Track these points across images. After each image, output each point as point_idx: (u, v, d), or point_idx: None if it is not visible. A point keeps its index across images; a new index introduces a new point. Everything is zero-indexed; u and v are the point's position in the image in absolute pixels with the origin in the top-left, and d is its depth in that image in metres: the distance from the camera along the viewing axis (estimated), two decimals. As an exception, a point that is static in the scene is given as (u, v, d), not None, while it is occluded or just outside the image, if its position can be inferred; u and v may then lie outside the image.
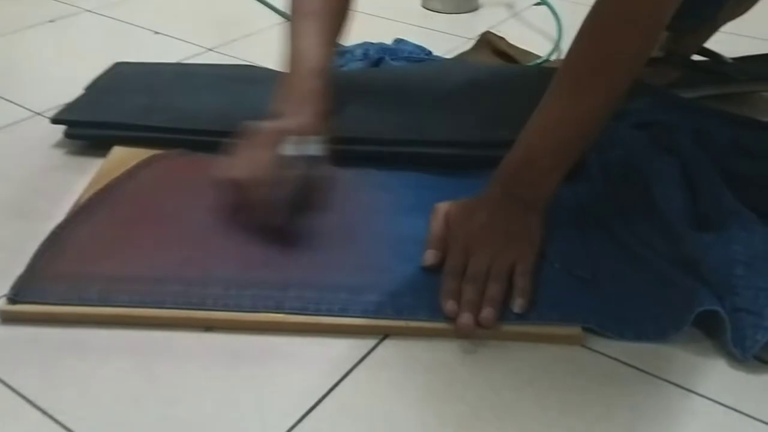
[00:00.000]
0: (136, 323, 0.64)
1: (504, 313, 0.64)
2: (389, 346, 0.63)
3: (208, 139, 0.86)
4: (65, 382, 0.59)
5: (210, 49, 1.18)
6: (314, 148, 0.73)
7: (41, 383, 0.59)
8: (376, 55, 1.08)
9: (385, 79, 0.98)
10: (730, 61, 1.03)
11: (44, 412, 0.56)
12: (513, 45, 1.17)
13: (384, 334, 0.64)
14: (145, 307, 0.64)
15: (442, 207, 0.72)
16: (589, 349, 0.63)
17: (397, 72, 1.02)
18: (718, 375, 0.61)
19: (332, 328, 0.64)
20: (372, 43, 1.11)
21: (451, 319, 0.63)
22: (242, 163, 0.72)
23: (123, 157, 0.84)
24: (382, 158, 0.84)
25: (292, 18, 0.84)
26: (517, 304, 0.64)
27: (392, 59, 1.06)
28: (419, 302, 0.65)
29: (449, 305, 0.64)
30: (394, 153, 0.85)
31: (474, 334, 0.63)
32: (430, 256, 0.69)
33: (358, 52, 1.08)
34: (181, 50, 1.17)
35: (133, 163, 0.83)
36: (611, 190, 0.78)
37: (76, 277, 0.66)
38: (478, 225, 0.69)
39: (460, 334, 0.63)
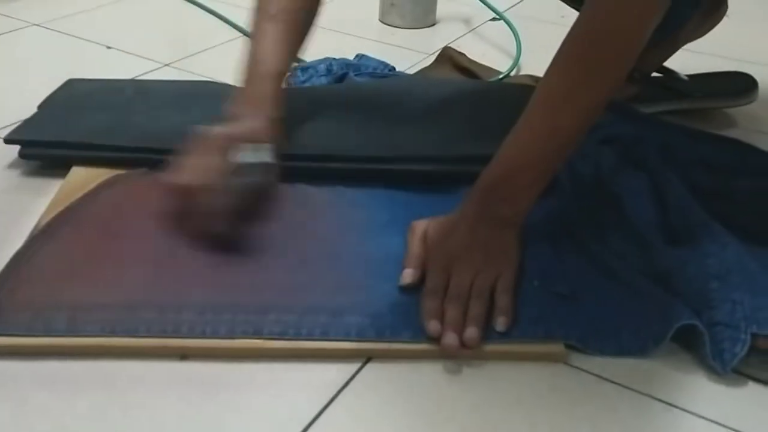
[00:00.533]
0: (108, 353, 0.61)
1: (487, 332, 0.63)
2: (373, 369, 0.62)
3: (172, 159, 0.84)
4: (38, 418, 0.56)
5: (167, 65, 1.15)
6: (265, 154, 0.71)
7: (12, 420, 0.56)
8: (340, 71, 1.07)
9: (352, 95, 0.98)
10: (686, 78, 1.06)
11: (14, 452, 0.54)
12: (473, 60, 1.18)
13: (367, 357, 0.63)
14: (117, 336, 0.61)
15: (419, 225, 0.71)
16: (571, 366, 0.63)
17: (363, 88, 1.02)
18: (698, 388, 0.62)
19: (314, 352, 0.62)
20: (335, 59, 1.10)
21: (434, 339, 0.63)
22: (190, 168, 0.70)
23: (83, 177, 0.81)
24: (353, 175, 0.83)
25: (255, 19, 0.82)
26: (500, 323, 0.64)
27: (356, 75, 1.06)
28: (401, 323, 0.64)
29: (432, 325, 0.63)
30: (364, 170, 0.84)
31: (457, 354, 0.62)
32: (408, 275, 0.68)
33: (321, 67, 1.07)
34: (137, 66, 1.14)
35: (95, 183, 0.80)
36: (582, 204, 0.78)
37: (42, 306, 0.63)
38: (457, 243, 0.68)
39: (444, 354, 0.62)
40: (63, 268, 0.68)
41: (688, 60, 1.09)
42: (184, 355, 0.62)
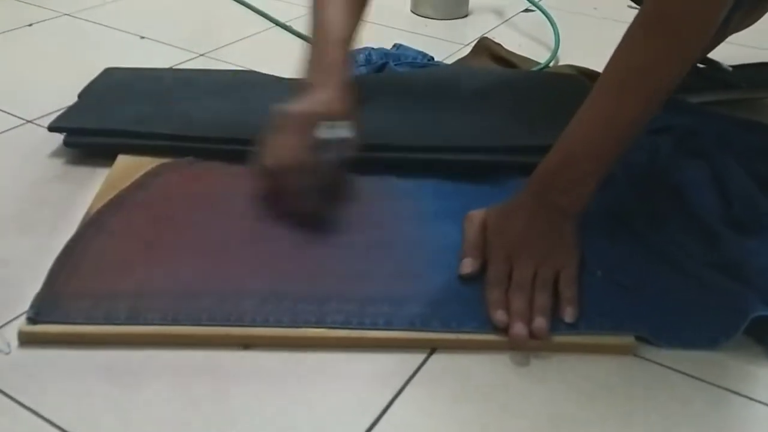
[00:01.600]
0: (170, 342, 0.60)
1: (554, 324, 0.62)
2: (439, 361, 0.61)
3: (217, 147, 0.83)
4: (101, 408, 0.55)
5: (201, 54, 1.14)
6: (346, 130, 0.71)
7: (74, 411, 0.54)
8: (379, 61, 1.05)
9: (396, 85, 0.96)
10: (729, 68, 1.04)
11: (82, 442, 0.52)
12: (511, 51, 1.17)
13: (432, 348, 0.61)
14: (179, 324, 0.60)
15: (477, 214, 0.70)
16: (642, 358, 0.62)
17: (406, 77, 1.00)
18: (773, 381, 0.60)
19: (378, 342, 0.61)
20: (373, 48, 1.09)
21: (501, 329, 0.61)
22: (275, 149, 0.71)
23: (129, 166, 0.80)
24: (401, 165, 0.82)
25: None
26: (568, 313, 0.63)
27: (396, 65, 1.04)
28: (466, 313, 0.63)
29: (499, 315, 0.62)
30: (414, 160, 0.82)
31: (526, 345, 0.61)
32: (468, 265, 0.67)
33: (360, 57, 1.06)
34: (171, 56, 1.13)
35: (141, 172, 0.79)
36: (639, 195, 0.77)
37: (100, 294, 0.62)
38: (518, 233, 0.67)
39: (512, 345, 0.61)
40: (118, 258, 0.67)
41: (724, 51, 1.07)
42: (246, 344, 0.60)
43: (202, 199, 0.76)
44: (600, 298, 0.65)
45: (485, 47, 1.17)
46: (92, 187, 0.78)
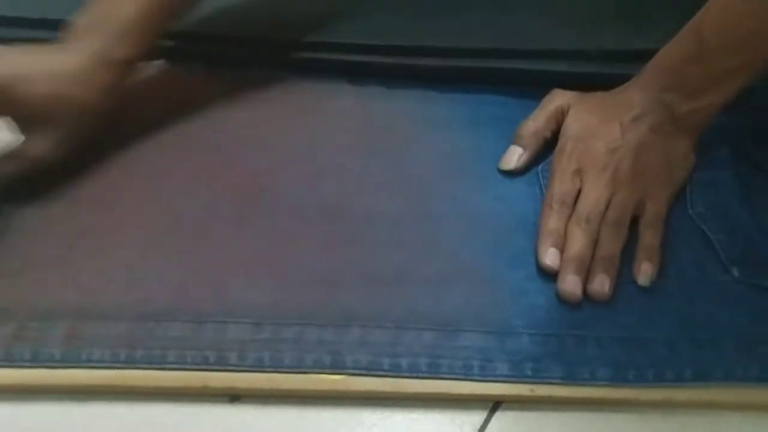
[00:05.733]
0: (108, 391, 0.41)
1: (684, 370, 0.42)
2: (505, 420, 0.42)
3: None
4: None
5: None
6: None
7: None
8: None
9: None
10: None
11: None
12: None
13: (494, 402, 0.43)
14: (120, 367, 0.41)
15: (560, 95, 0.54)
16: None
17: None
18: None
19: (416, 396, 0.42)
20: None
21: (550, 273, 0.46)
22: None
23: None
24: (450, 76, 0.59)
25: None
26: (642, 272, 0.46)
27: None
28: (549, 351, 0.43)
29: (549, 257, 0.46)
30: (469, 69, 0.59)
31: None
32: (511, 155, 0.53)
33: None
34: None
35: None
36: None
37: None
38: (605, 143, 0.49)
39: (561, 298, 0.45)
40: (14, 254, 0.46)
41: None
42: (235, 396, 0.42)
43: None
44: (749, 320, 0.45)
45: None
46: None
